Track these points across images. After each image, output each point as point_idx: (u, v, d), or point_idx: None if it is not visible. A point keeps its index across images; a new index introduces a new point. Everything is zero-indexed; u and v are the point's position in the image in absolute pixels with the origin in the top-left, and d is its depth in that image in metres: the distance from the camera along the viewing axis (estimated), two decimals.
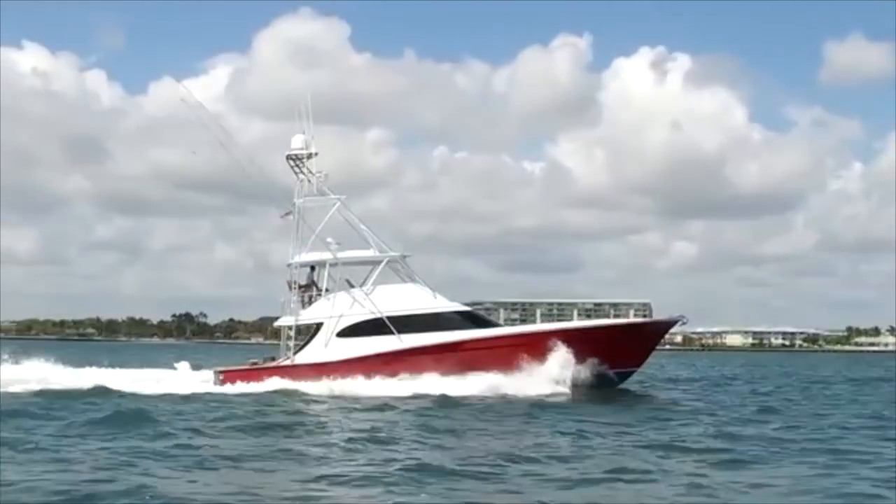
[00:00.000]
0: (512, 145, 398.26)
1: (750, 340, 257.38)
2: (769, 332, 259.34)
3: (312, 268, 39.34)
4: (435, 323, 37.75)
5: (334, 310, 37.77)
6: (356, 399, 32.38)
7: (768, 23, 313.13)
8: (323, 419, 26.19)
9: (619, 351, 38.43)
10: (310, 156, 39.58)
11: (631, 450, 19.51)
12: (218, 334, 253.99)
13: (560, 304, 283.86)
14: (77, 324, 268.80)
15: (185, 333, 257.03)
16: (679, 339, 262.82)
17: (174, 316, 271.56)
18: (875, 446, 20.44)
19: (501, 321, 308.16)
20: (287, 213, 39.19)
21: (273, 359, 38.73)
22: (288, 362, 37.57)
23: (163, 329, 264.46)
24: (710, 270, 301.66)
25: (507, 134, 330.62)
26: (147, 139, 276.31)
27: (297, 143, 39.61)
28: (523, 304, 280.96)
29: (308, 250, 39.13)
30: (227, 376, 36.79)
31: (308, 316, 38.26)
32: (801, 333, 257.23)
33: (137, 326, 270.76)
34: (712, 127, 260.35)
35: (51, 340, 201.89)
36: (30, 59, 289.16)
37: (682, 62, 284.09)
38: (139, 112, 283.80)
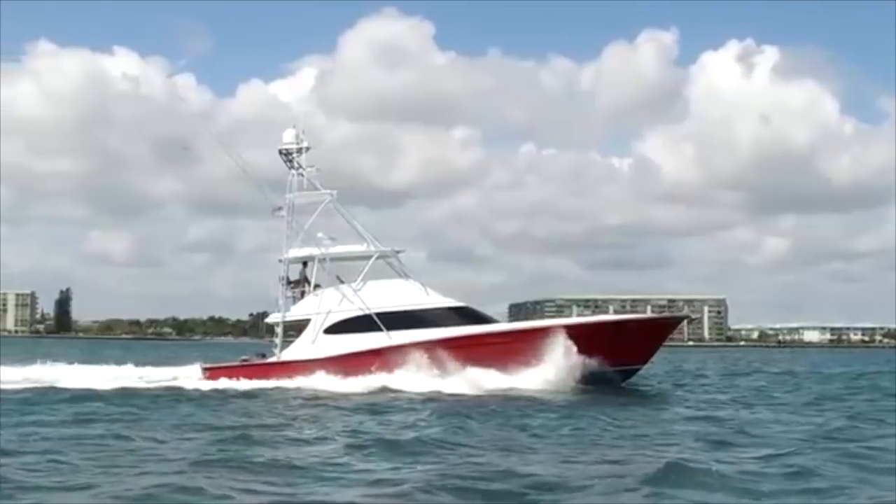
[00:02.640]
0: (598, 142, 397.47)
1: (828, 336, 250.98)
2: (848, 328, 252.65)
3: (305, 264, 38.78)
4: (425, 319, 36.92)
5: (322, 306, 37.23)
6: (339, 396, 31.45)
7: (858, 14, 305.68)
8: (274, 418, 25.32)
9: (620, 348, 37.07)
10: (301, 150, 38.94)
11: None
12: (291, 332, 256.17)
13: (633, 300, 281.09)
14: (154, 323, 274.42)
15: (260, 332, 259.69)
16: (755, 335, 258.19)
17: (251, 315, 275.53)
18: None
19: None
20: (279, 209, 38.66)
21: (264, 356, 38.27)
22: (274, 359, 37.13)
23: (238, 328, 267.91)
24: (801, 266, 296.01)
25: (593, 130, 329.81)
26: (234, 141, 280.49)
27: (288, 137, 39.08)
28: (595, 300, 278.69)
29: (300, 246, 38.56)
30: (212, 373, 36.50)
31: (296, 312, 37.81)
32: (882, 329, 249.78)
33: (215, 325, 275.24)
34: (802, 120, 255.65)
35: (125, 340, 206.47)
36: (120, 64, 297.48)
37: (770, 55, 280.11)
38: (227, 114, 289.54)
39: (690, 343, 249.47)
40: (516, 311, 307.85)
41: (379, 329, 36.60)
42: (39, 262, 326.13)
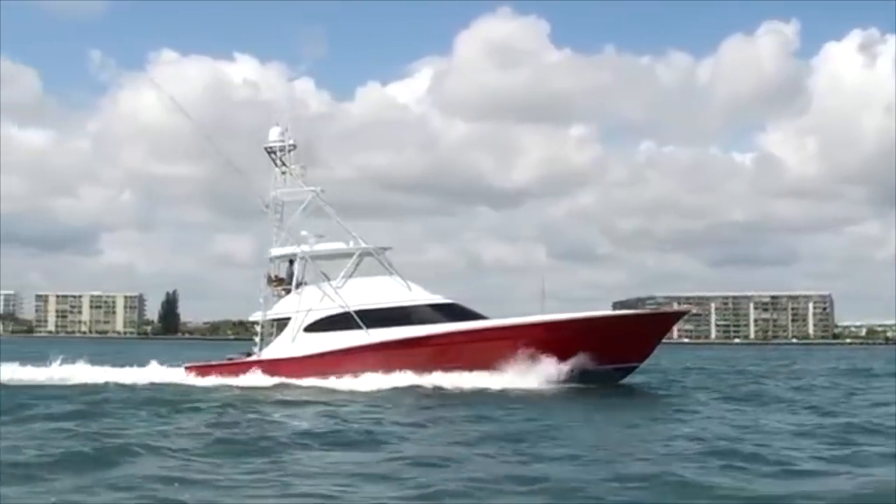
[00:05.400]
0: (719, 137, 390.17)
1: None
2: None
3: (291, 261, 38.58)
4: (406, 317, 36.34)
5: (302, 304, 36.98)
6: (316, 393, 31.12)
7: None
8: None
9: (612, 345, 35.80)
10: (284, 148, 38.79)
11: None
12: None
13: (735, 297, 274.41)
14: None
15: None
16: (864, 332, 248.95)
17: None
18: None
19: None
20: (266, 206, 38.60)
21: (249, 354, 38.19)
22: (255, 357, 37.05)
23: None
24: None
25: (713, 125, 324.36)
26: (355, 143, 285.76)
27: (274, 136, 38.99)
28: (698, 298, 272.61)
29: (285, 244, 38.40)
30: (195, 370, 36.58)
31: (277, 310, 37.64)
32: None
33: None
34: None
35: (228, 340, 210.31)
36: (241, 69, 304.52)
37: (893, 44, 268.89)
38: (346, 116, 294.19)
39: (794, 340, 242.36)
40: (618, 309, 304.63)
41: (358, 327, 36.19)
42: (168, 264, 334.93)
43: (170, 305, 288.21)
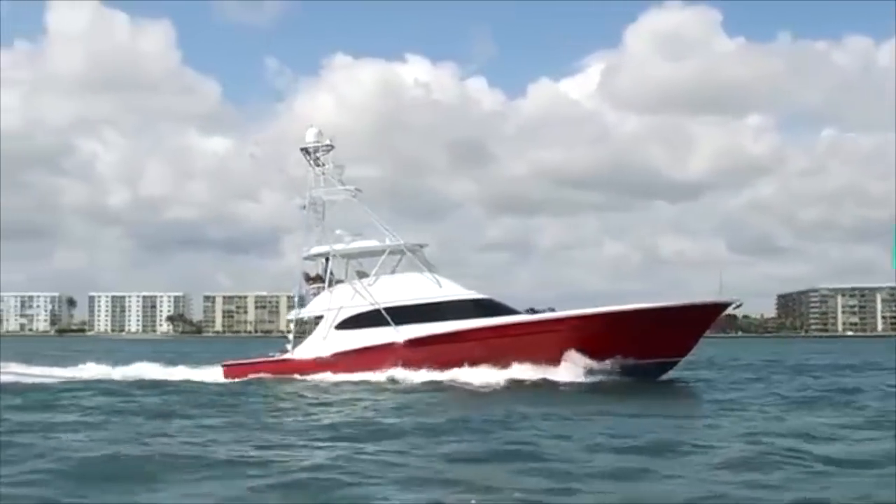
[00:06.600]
0: None
1: None
2: None
3: (327, 260, 39.07)
4: (434, 313, 36.24)
5: (333, 302, 37.40)
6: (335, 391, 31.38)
7: None
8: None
9: (649, 340, 34.81)
10: (320, 149, 39.28)
11: None
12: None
13: (861, 289, 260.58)
14: None
15: None
16: None
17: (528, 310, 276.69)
18: None
19: (838, 309, 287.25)
20: (304, 207, 39.21)
21: (285, 352, 38.87)
22: (288, 356, 37.69)
23: None
24: None
25: None
26: (527, 140, 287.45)
27: (310, 137, 39.54)
28: (862, 289, 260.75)
29: (321, 243, 38.91)
30: (229, 370, 37.49)
31: (311, 309, 38.17)
32: None
33: None
34: None
35: None
36: (413, 70, 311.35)
37: None
38: (518, 114, 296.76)
39: None
40: (783, 303, 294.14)
41: (387, 324, 36.34)
42: None
43: None
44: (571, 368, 34.24)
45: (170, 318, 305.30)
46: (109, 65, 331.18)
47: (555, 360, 34.37)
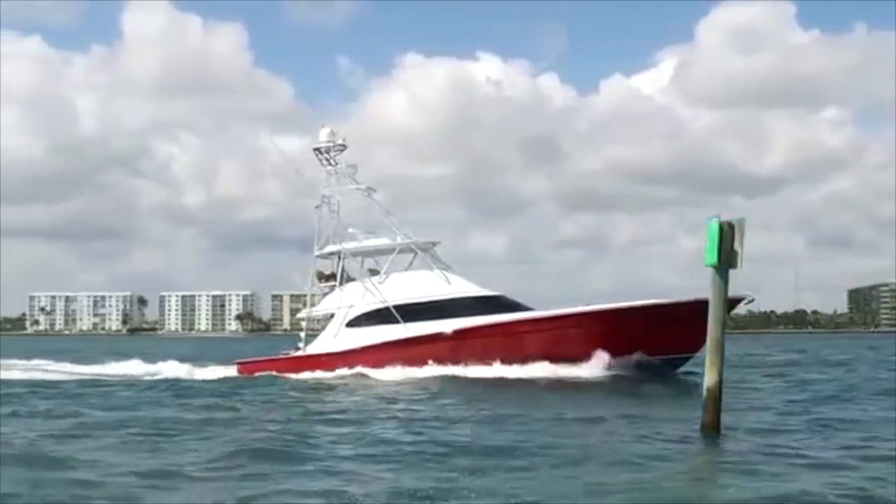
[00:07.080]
0: None
1: None
2: None
3: (340, 258, 39.38)
4: (443, 310, 36.34)
5: (344, 300, 37.71)
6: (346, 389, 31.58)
7: None
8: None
9: (661, 335, 34.55)
10: (331, 149, 39.62)
11: None
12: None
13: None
14: None
15: None
16: None
17: None
18: None
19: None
20: (317, 206, 39.64)
21: (298, 349, 39.29)
22: (300, 353, 38.10)
23: None
24: None
25: None
26: (600, 136, 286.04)
27: (323, 136, 39.92)
28: None
29: (334, 241, 39.25)
30: (243, 367, 38.00)
31: (322, 307, 38.54)
32: None
33: None
34: None
35: None
36: (484, 68, 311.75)
37: None
38: (591, 110, 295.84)
39: None
40: (854, 298, 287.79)
41: (396, 321, 36.54)
42: None
43: None
44: (590, 364, 34.28)
45: (238, 317, 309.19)
46: (183, 67, 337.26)
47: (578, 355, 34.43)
